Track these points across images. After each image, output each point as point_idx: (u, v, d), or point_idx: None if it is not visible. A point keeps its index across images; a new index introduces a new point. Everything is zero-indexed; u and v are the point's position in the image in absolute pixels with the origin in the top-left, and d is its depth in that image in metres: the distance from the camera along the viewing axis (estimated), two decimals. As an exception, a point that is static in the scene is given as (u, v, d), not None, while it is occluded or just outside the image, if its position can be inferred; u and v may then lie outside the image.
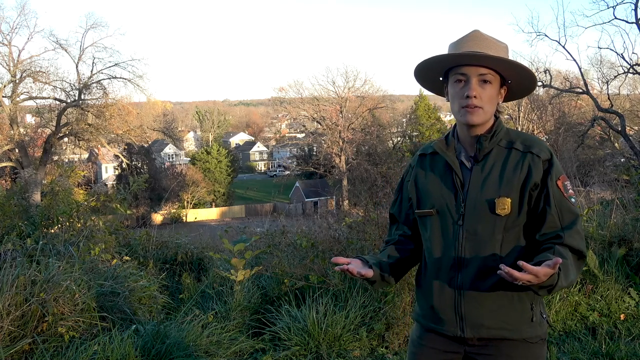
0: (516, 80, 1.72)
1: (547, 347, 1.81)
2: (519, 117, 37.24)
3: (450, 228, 1.71)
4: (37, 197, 10.69)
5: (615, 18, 17.93)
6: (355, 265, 1.69)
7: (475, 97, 1.64)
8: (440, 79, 1.77)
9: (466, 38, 1.70)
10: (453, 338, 1.74)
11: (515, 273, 1.42)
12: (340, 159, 42.43)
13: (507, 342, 1.68)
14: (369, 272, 1.71)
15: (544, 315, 1.74)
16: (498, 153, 1.69)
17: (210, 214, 44.44)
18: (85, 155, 41.84)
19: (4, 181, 26.18)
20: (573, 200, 1.65)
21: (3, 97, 28.50)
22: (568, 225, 1.63)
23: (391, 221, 1.99)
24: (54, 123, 29.64)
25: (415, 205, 1.84)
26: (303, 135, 53.93)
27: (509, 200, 1.63)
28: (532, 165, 1.65)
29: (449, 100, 1.74)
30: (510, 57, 1.71)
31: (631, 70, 18.83)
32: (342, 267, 1.65)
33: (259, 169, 78.92)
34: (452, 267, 1.70)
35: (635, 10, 17.06)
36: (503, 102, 1.78)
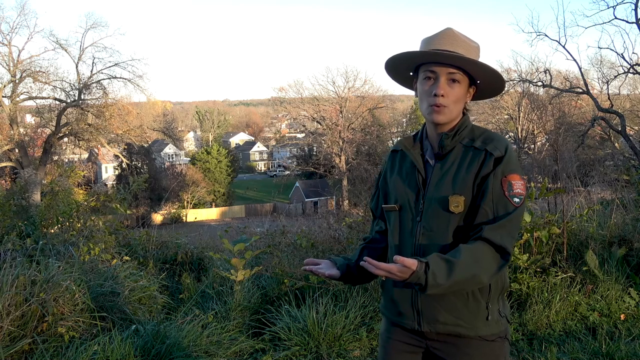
0: (485, 80, 1.73)
1: (509, 344, 1.80)
2: (519, 117, 37.27)
3: (410, 224, 1.74)
4: (37, 197, 10.64)
5: (616, 18, 17.91)
6: (323, 267, 1.81)
7: (442, 95, 1.66)
8: (411, 73, 1.79)
9: (438, 35, 1.70)
10: (413, 331, 1.78)
11: (370, 266, 1.50)
12: (340, 159, 42.43)
13: (464, 339, 1.70)
14: (335, 274, 1.81)
15: (503, 314, 1.74)
16: (458, 151, 1.71)
17: (210, 214, 44.41)
18: (85, 155, 41.82)
19: (4, 181, 26.14)
20: (516, 200, 1.62)
21: (3, 97, 28.49)
22: (495, 220, 1.61)
23: (372, 216, 2.04)
24: (54, 123, 29.64)
25: (382, 200, 1.89)
26: (303, 135, 53.90)
27: (462, 198, 1.64)
28: (484, 163, 1.65)
29: (417, 96, 1.75)
30: (484, 59, 1.71)
31: (631, 70, 18.80)
32: (307, 267, 1.78)
33: (259, 169, 78.91)
34: None
35: (635, 10, 17.04)
36: (472, 100, 1.79)
